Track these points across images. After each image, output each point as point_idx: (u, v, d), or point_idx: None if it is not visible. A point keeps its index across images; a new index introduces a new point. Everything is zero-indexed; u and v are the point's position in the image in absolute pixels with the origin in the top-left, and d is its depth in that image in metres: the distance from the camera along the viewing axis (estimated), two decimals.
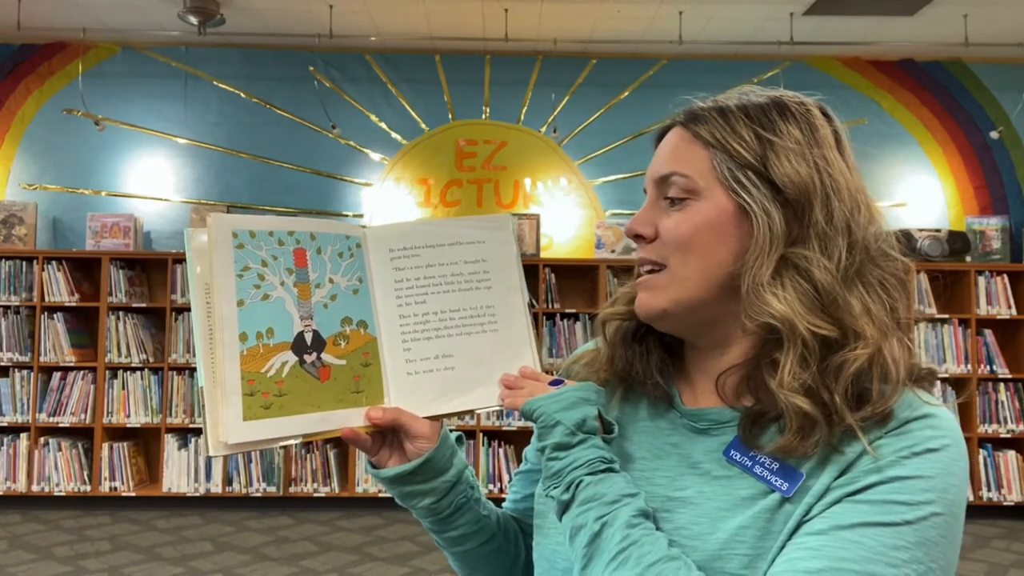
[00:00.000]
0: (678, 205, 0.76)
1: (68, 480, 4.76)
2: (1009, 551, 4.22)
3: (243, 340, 0.77)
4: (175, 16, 4.75)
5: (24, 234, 5.04)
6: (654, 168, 0.80)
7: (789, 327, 0.69)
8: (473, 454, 4.86)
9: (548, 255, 5.24)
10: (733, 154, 0.74)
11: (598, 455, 0.74)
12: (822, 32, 5.03)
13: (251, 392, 0.76)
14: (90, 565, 3.82)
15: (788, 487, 0.68)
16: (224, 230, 0.79)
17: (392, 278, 0.86)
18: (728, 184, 0.74)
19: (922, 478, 0.65)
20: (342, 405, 0.81)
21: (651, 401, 0.82)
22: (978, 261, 5.12)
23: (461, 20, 4.95)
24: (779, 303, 0.69)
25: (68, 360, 4.82)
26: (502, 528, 0.93)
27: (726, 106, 0.77)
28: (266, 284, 0.79)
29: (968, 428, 4.82)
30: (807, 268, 0.70)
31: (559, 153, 5.44)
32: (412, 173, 5.41)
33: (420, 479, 0.84)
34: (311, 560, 3.94)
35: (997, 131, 5.28)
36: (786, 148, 0.73)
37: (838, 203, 0.72)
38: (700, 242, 0.74)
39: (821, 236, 0.71)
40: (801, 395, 0.67)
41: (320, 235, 0.83)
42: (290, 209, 5.28)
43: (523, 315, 0.89)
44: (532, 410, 0.78)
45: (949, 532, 0.65)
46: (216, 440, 0.74)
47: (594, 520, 0.70)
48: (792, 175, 0.72)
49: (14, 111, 5.31)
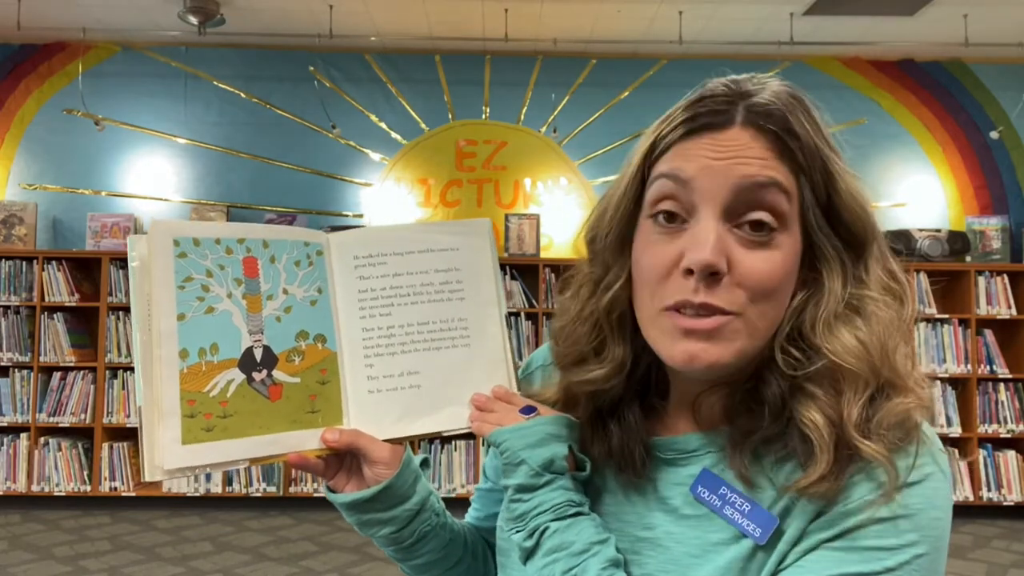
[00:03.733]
0: (759, 236, 0.62)
1: (68, 480, 4.76)
2: (1009, 551, 4.22)
3: (183, 357, 0.71)
4: (175, 16, 4.74)
5: (24, 234, 5.04)
6: (737, 169, 0.62)
7: (867, 367, 0.61)
8: (473, 454, 4.86)
9: (548, 255, 5.24)
10: (813, 182, 0.63)
11: (565, 499, 0.67)
12: (822, 32, 5.02)
13: (191, 413, 0.70)
14: (90, 565, 3.82)
15: (761, 533, 0.62)
16: (164, 238, 0.73)
17: (356, 288, 0.79)
18: (808, 220, 0.63)
19: (904, 517, 0.59)
20: (295, 426, 0.75)
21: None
22: (978, 261, 5.12)
23: (461, 20, 4.95)
24: (855, 343, 0.62)
25: (68, 360, 4.82)
26: (470, 549, 0.87)
27: (802, 104, 0.65)
28: (211, 296, 0.73)
29: (968, 428, 4.82)
30: (870, 311, 0.63)
31: (559, 153, 5.44)
32: (412, 173, 5.41)
33: (379, 507, 0.76)
34: (311, 560, 3.94)
35: (997, 131, 5.28)
36: (843, 171, 0.64)
37: (876, 237, 0.65)
38: (781, 291, 0.63)
39: (872, 275, 0.65)
40: (865, 439, 0.60)
41: (274, 242, 0.77)
42: (290, 209, 5.28)
43: (499, 329, 0.81)
44: (498, 443, 0.71)
45: (932, 570, 0.60)
46: (152, 465, 0.69)
47: (561, 573, 0.64)
48: (853, 207, 0.63)
49: (14, 111, 5.31)
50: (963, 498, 4.76)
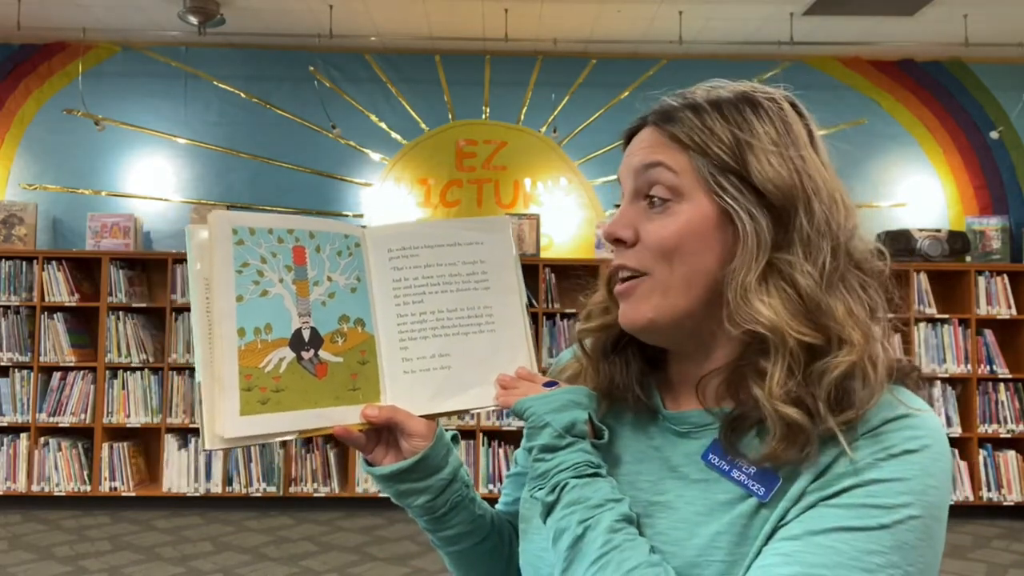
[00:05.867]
0: (659, 207, 0.74)
1: (68, 480, 4.76)
2: (1009, 551, 4.22)
3: (241, 335, 0.77)
4: (175, 16, 4.75)
5: (24, 234, 5.04)
6: (634, 159, 0.77)
7: (778, 335, 0.67)
8: (473, 454, 4.86)
9: (548, 255, 5.24)
10: (712, 157, 0.72)
11: (585, 459, 0.74)
12: (822, 32, 5.03)
13: (248, 387, 0.76)
14: (90, 565, 3.82)
15: (764, 492, 0.67)
16: (224, 226, 0.79)
17: (390, 277, 0.86)
18: (711, 188, 0.72)
19: (899, 480, 0.64)
20: (339, 402, 0.81)
21: (635, 407, 0.82)
22: (978, 261, 5.12)
23: (461, 20, 4.95)
24: (767, 310, 0.68)
25: (68, 360, 4.82)
26: (496, 528, 0.93)
27: (698, 103, 0.75)
28: (265, 280, 0.80)
29: (968, 428, 4.82)
30: (791, 274, 0.69)
31: (559, 153, 5.44)
32: (412, 173, 5.41)
33: (415, 477, 0.84)
34: (311, 560, 3.94)
35: (997, 131, 5.28)
36: (764, 149, 0.71)
37: (819, 204, 0.70)
38: (685, 248, 0.72)
39: (805, 240, 0.70)
40: (789, 404, 0.66)
41: (319, 234, 0.84)
42: (290, 209, 5.28)
43: (521, 316, 0.89)
44: (523, 409, 0.78)
45: (928, 535, 0.63)
46: (213, 434, 0.75)
47: (577, 523, 0.70)
48: (774, 178, 0.70)
49: (14, 111, 5.31)
50: (963, 498, 4.76)
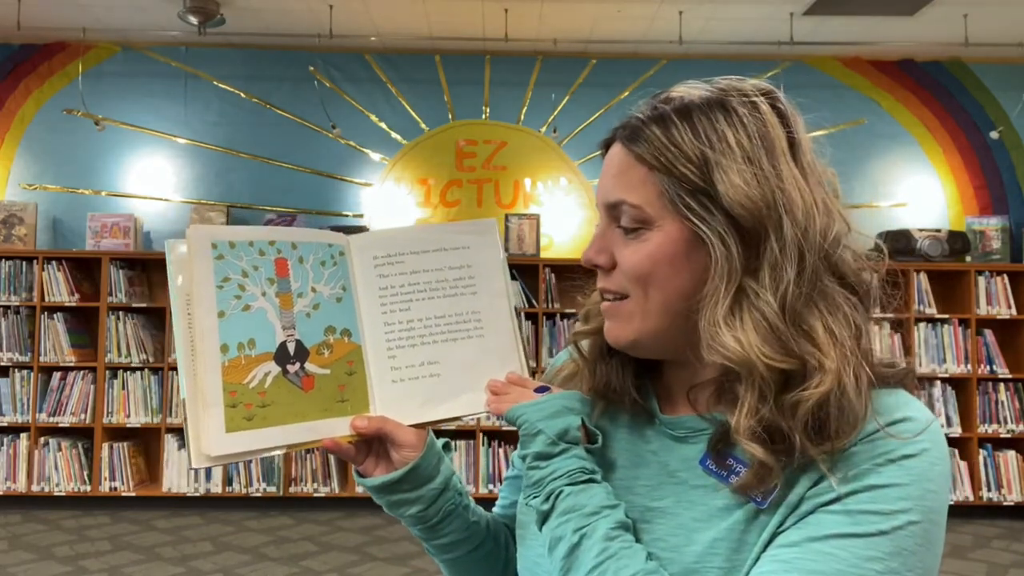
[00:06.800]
0: (632, 235, 0.73)
1: (68, 480, 4.76)
2: (1009, 551, 4.22)
3: (224, 351, 0.76)
4: (175, 16, 4.75)
5: (24, 234, 5.04)
6: (602, 192, 0.76)
7: (746, 367, 0.66)
8: (473, 454, 4.86)
9: (548, 255, 5.24)
10: (679, 176, 0.69)
11: (579, 465, 0.73)
12: (822, 32, 5.03)
13: (233, 404, 0.75)
14: (90, 565, 3.82)
15: (762, 498, 0.67)
16: (203, 241, 0.78)
17: (376, 285, 0.85)
18: (680, 211, 0.70)
19: (898, 486, 0.63)
20: (327, 415, 0.80)
21: (632, 410, 0.81)
22: (978, 261, 5.12)
23: (461, 20, 4.95)
24: (734, 344, 0.66)
25: (68, 360, 4.82)
26: (492, 533, 0.92)
27: (666, 114, 0.72)
28: (247, 295, 0.79)
29: (968, 428, 4.82)
30: (759, 300, 0.67)
31: (559, 153, 5.44)
32: (412, 173, 5.41)
33: (407, 487, 0.83)
34: (311, 560, 3.94)
35: (997, 131, 5.28)
36: (733, 166, 0.68)
37: (790, 222, 0.67)
38: (658, 275, 0.71)
39: (773, 264, 0.67)
40: (757, 442, 0.64)
41: (302, 244, 0.83)
42: (290, 209, 5.28)
43: (509, 320, 0.88)
44: (515, 417, 0.77)
45: (927, 540, 0.63)
46: (199, 452, 0.74)
47: (573, 532, 0.69)
48: (742, 200, 0.67)
49: (14, 111, 5.31)
50: (963, 498, 4.76)
